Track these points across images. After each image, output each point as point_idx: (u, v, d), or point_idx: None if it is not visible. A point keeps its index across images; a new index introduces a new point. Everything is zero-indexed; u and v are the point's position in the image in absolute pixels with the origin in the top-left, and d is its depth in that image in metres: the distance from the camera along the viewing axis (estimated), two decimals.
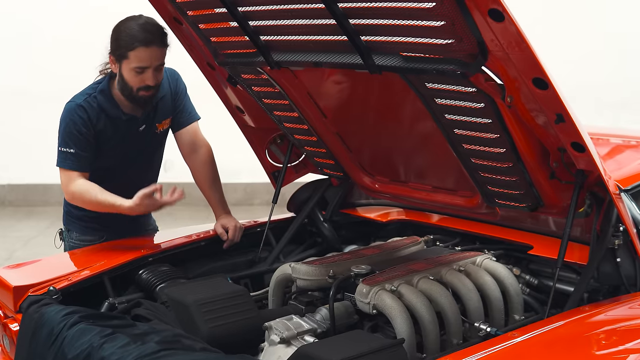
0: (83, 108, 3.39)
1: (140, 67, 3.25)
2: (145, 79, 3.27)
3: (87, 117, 3.38)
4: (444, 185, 3.20)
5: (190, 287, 2.90)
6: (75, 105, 3.40)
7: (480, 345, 2.35)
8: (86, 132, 3.38)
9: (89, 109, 3.39)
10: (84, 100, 3.41)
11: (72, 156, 3.39)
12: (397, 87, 2.88)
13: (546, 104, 2.36)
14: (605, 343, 2.39)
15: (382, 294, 2.69)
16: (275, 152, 3.79)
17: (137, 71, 3.26)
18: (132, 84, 3.30)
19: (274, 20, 2.73)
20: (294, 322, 2.73)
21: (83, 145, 3.39)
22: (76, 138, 3.38)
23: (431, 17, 2.27)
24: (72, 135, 3.38)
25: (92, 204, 3.40)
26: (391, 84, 2.86)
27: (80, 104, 3.40)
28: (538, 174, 2.68)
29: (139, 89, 3.30)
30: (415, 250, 3.26)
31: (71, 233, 3.73)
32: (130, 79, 3.29)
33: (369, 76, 2.82)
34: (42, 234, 8.19)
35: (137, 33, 3.23)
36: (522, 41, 2.17)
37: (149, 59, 3.24)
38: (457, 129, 2.70)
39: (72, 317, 2.68)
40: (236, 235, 3.56)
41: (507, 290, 2.93)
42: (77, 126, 3.37)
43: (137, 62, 3.24)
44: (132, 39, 3.23)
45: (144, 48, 3.22)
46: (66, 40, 9.16)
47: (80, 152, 3.39)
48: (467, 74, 2.36)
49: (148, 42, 3.22)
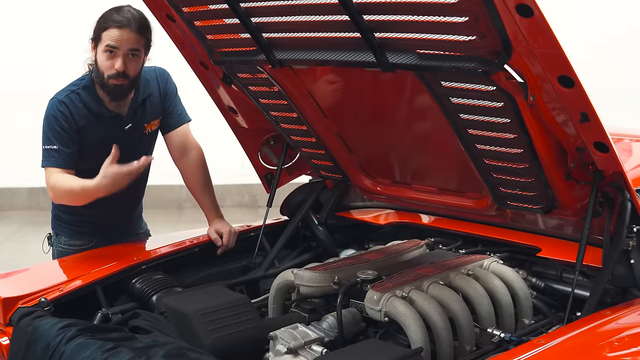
0: (64, 104, 3.31)
1: (110, 47, 3.18)
2: (114, 63, 3.20)
3: (68, 113, 3.30)
4: (451, 186, 3.12)
5: (190, 297, 2.81)
6: (56, 100, 3.33)
7: (511, 353, 2.28)
8: (68, 127, 3.30)
9: (70, 104, 3.32)
10: (65, 96, 3.34)
11: (55, 152, 3.29)
12: (404, 86, 2.81)
13: (571, 102, 2.28)
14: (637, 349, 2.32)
15: (394, 301, 2.60)
16: (268, 154, 3.70)
17: (108, 52, 3.19)
18: (102, 68, 3.24)
19: (280, 17, 2.63)
20: (300, 331, 2.63)
21: (65, 142, 3.29)
22: (58, 134, 3.29)
23: (453, 13, 2.18)
24: (54, 131, 3.29)
25: (67, 195, 3.29)
26: (398, 83, 2.78)
27: (62, 99, 3.33)
28: (554, 174, 2.61)
29: (109, 76, 3.23)
30: (418, 253, 3.18)
31: (60, 237, 3.60)
32: (101, 63, 3.23)
33: (375, 75, 2.74)
34: (10, 239, 8.01)
35: (113, 16, 3.20)
36: (551, 37, 2.09)
37: (120, 40, 3.18)
38: (472, 128, 2.61)
39: (69, 330, 2.56)
40: (231, 240, 3.46)
41: (516, 294, 2.87)
42: (58, 121, 3.29)
43: (107, 41, 3.18)
44: (107, 20, 3.21)
45: (116, 28, 3.17)
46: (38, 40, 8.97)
47: (63, 148, 3.28)
48: (489, 72, 2.28)
49: (121, 24, 3.18)
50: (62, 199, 3.36)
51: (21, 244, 7.69)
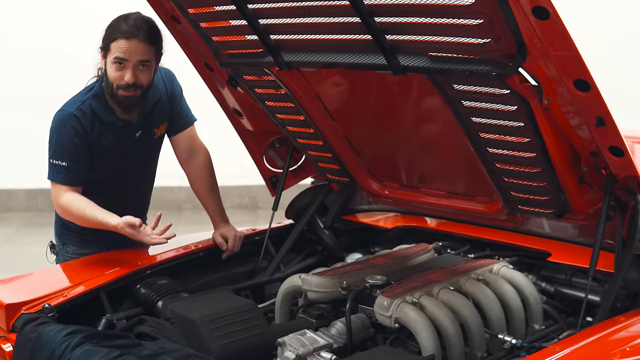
0: (76, 118, 3.20)
1: (119, 59, 3.10)
2: (124, 74, 3.11)
3: (80, 128, 3.20)
4: (460, 190, 3.07)
5: (196, 302, 2.77)
6: (68, 114, 3.21)
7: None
8: (79, 143, 3.20)
9: (83, 117, 3.21)
10: (76, 109, 3.22)
11: (64, 170, 3.20)
12: (413, 88, 2.77)
13: (586, 106, 2.24)
14: None
15: (405, 307, 2.56)
16: (273, 157, 3.65)
17: (117, 63, 3.11)
18: (112, 79, 3.15)
19: (288, 19, 2.59)
20: (308, 338, 2.59)
21: (76, 158, 3.20)
22: (69, 150, 3.19)
23: (468, 15, 2.14)
24: (65, 147, 3.19)
25: (80, 219, 3.23)
26: (407, 85, 2.74)
27: (74, 113, 3.20)
28: (567, 178, 2.56)
29: (119, 86, 3.14)
30: (426, 258, 3.15)
31: (67, 247, 3.50)
32: (111, 74, 3.15)
33: (383, 77, 2.70)
34: (8, 242, 7.95)
35: (121, 25, 3.10)
36: (568, 40, 2.06)
37: (128, 51, 3.09)
38: (484, 132, 2.57)
39: (75, 337, 2.52)
40: (236, 245, 3.42)
41: (526, 299, 2.85)
42: (70, 137, 3.19)
43: (116, 52, 3.10)
44: (115, 31, 3.11)
45: (124, 40, 3.08)
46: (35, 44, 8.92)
47: (73, 165, 3.20)
48: (503, 76, 2.24)
49: (130, 35, 3.08)
50: (71, 219, 3.28)
51: (19, 246, 7.63)
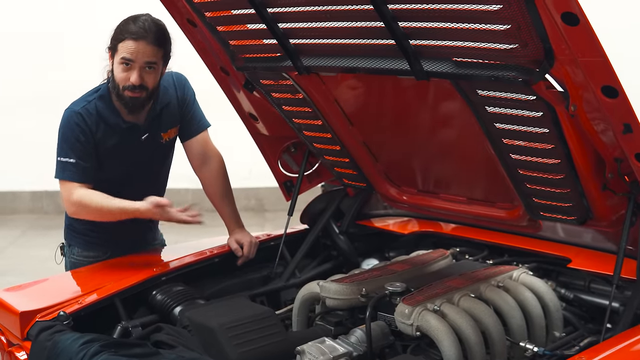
0: (80, 115, 3.20)
1: (126, 59, 3.08)
2: (130, 75, 3.09)
3: (85, 126, 3.19)
4: (480, 196, 3.05)
5: (213, 310, 2.74)
6: (72, 112, 3.21)
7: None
8: (85, 140, 3.19)
9: (87, 116, 3.20)
10: (82, 108, 3.22)
11: (72, 166, 3.18)
12: (434, 93, 2.74)
13: (614, 113, 2.21)
14: None
15: (427, 315, 2.53)
16: (288, 161, 3.62)
17: (124, 64, 3.09)
18: (118, 80, 3.13)
19: (309, 23, 2.56)
20: (327, 345, 2.56)
21: (83, 155, 3.19)
22: (75, 146, 3.18)
23: (494, 21, 2.11)
24: (71, 143, 3.18)
25: (97, 212, 3.19)
26: (427, 90, 2.71)
27: (78, 110, 3.21)
28: (591, 185, 2.54)
29: (125, 87, 3.12)
30: (445, 264, 3.11)
31: (73, 248, 3.49)
32: (117, 74, 3.13)
33: (403, 81, 2.67)
34: (13, 244, 7.91)
35: (130, 26, 3.09)
36: (597, 46, 2.03)
37: (135, 52, 3.07)
38: (507, 138, 2.54)
39: (92, 346, 2.49)
40: (251, 251, 3.38)
41: (546, 305, 2.81)
42: (75, 134, 3.18)
43: (123, 53, 3.08)
44: (124, 31, 3.09)
45: (132, 41, 3.06)
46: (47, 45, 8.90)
47: (81, 162, 3.18)
48: (529, 82, 2.21)
49: (138, 36, 3.06)
50: (87, 215, 3.25)
51: (25, 248, 7.58)
